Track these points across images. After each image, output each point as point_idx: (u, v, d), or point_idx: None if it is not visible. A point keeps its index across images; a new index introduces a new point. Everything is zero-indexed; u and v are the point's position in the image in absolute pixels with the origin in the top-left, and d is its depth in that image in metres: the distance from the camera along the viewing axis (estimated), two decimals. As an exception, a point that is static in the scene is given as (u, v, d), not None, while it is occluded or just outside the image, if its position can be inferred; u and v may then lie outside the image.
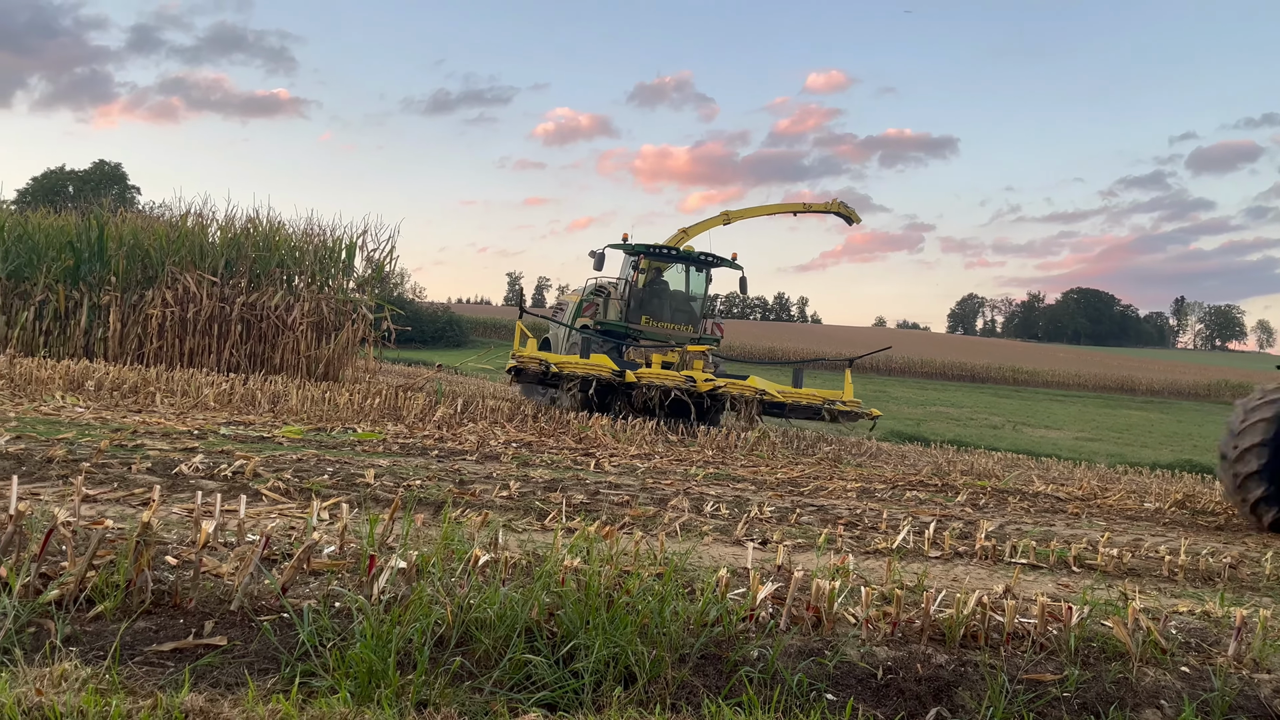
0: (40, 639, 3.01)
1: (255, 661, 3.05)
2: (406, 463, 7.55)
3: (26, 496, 4.70)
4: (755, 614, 3.71)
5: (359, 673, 2.91)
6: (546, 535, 5.07)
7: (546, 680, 3.07)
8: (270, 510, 5.13)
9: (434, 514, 5.36)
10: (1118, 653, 3.74)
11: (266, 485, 5.80)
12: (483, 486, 6.62)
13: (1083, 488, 11.85)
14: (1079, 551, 6.04)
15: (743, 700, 3.06)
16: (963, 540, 6.31)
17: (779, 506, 7.19)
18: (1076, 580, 5.37)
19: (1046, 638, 3.79)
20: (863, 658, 3.49)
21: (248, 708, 2.58)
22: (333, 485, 6.11)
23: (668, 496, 7.04)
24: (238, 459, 6.67)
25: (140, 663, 2.97)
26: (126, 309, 16.51)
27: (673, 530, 5.64)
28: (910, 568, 5.13)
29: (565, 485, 7.09)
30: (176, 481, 5.75)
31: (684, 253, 17.92)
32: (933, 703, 3.30)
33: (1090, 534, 7.31)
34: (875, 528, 6.61)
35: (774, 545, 5.39)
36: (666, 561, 4.23)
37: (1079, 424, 33.70)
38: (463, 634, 3.20)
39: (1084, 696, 3.39)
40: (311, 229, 18.18)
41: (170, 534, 4.24)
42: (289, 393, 12.36)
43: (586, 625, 3.24)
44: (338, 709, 2.63)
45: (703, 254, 17.91)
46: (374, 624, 3.09)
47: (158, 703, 2.53)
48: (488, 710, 2.89)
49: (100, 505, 4.87)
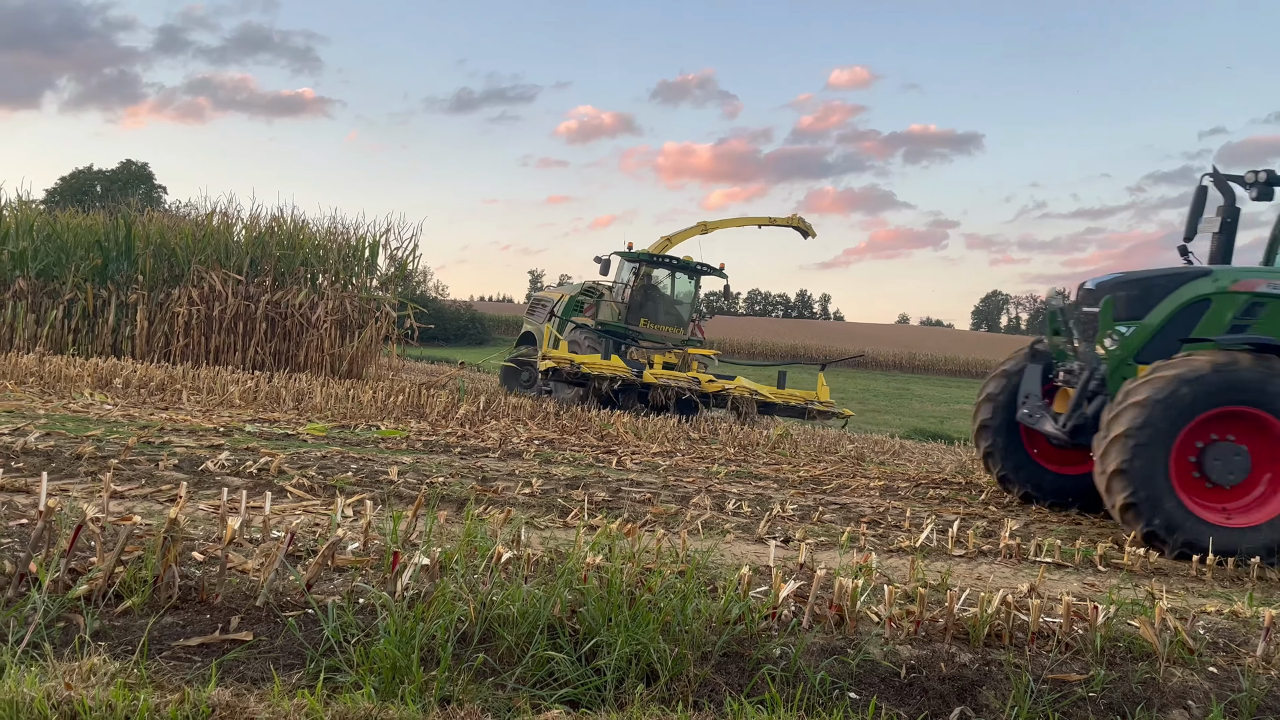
0: (69, 634, 3.05)
1: (280, 657, 3.08)
2: (430, 460, 7.59)
3: (56, 493, 4.76)
4: (778, 612, 3.70)
5: (383, 668, 2.93)
6: (569, 532, 5.08)
7: (569, 677, 3.08)
8: (295, 507, 5.17)
9: (457, 511, 5.38)
10: (1144, 653, 3.70)
11: (291, 482, 5.84)
12: (505, 484, 6.65)
13: (1109, 486, 11.74)
14: (1105, 550, 5.99)
15: (765, 698, 3.06)
16: (987, 539, 6.27)
17: (801, 504, 7.17)
18: (1102, 579, 5.32)
19: (1072, 637, 3.76)
20: (886, 656, 3.48)
21: (273, 703, 2.61)
22: (357, 482, 6.15)
23: (690, 494, 7.04)
24: (263, 456, 6.73)
25: (168, 657, 3.00)
26: (153, 307, 16.69)
27: (695, 528, 5.64)
28: (934, 566, 5.11)
29: (587, 482, 7.11)
30: (203, 478, 5.81)
31: (684, 262, 19.25)
32: (956, 702, 3.28)
33: (1116, 533, 7.25)
34: (898, 526, 6.58)
35: (796, 543, 5.38)
36: (689, 559, 4.23)
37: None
38: (485, 630, 3.22)
39: (1110, 697, 3.37)
40: (335, 228, 18.32)
41: (197, 530, 4.29)
42: (313, 390, 12.45)
43: (609, 622, 3.25)
44: (362, 704, 2.64)
45: (698, 264, 19.36)
46: (398, 620, 3.11)
47: (185, 697, 2.55)
48: (511, 706, 2.90)
49: (128, 501, 4.93)
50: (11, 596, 3.23)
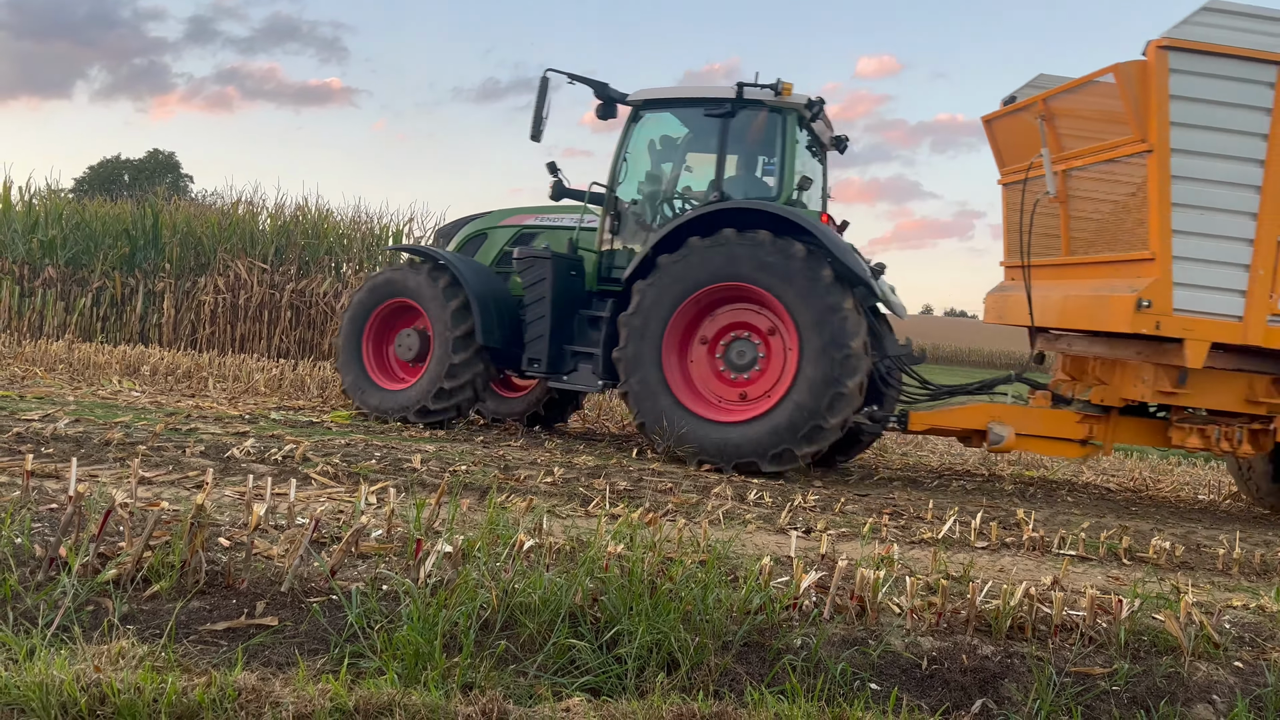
0: (99, 617, 3.09)
1: (305, 642, 3.11)
2: (452, 448, 7.63)
3: (85, 478, 4.83)
4: (799, 603, 3.70)
5: (406, 654, 2.96)
6: (590, 521, 5.10)
7: (590, 665, 3.09)
8: (319, 494, 5.22)
9: (479, 499, 5.41)
10: (1169, 647, 3.68)
11: (315, 469, 5.89)
12: (527, 472, 6.67)
13: (1134, 479, 11.64)
14: (1129, 544, 5.94)
15: (786, 688, 3.06)
16: (1009, 531, 6.24)
17: (823, 495, 7.15)
18: (1127, 573, 5.28)
19: (1095, 630, 3.74)
20: (907, 648, 3.47)
21: (298, 687, 2.64)
22: (380, 470, 6.19)
23: (710, 484, 7.04)
24: (288, 443, 6.78)
25: (195, 641, 3.05)
26: (180, 295, 16.85)
27: (716, 518, 5.65)
28: (956, 558, 5.09)
29: (609, 472, 7.12)
30: (228, 465, 5.87)
31: None
32: (978, 694, 3.28)
33: (1141, 526, 7.19)
34: (920, 517, 6.55)
35: (818, 534, 5.38)
36: (710, 549, 4.23)
37: (1131, 414, 33.01)
38: (507, 618, 3.24)
39: (1134, 690, 3.35)
40: (359, 217, 18.45)
41: (223, 516, 4.33)
42: (337, 378, 12.53)
43: (630, 611, 3.26)
44: (386, 690, 2.67)
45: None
46: (420, 607, 3.13)
47: (212, 680, 2.59)
48: (532, 693, 2.92)
49: (156, 487, 4.98)
50: (42, 580, 3.28)
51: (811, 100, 8.32)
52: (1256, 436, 7.63)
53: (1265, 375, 7.50)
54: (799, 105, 8.30)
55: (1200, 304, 6.83)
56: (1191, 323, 6.82)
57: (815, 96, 8.37)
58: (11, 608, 3.08)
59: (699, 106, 8.42)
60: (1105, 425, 8.01)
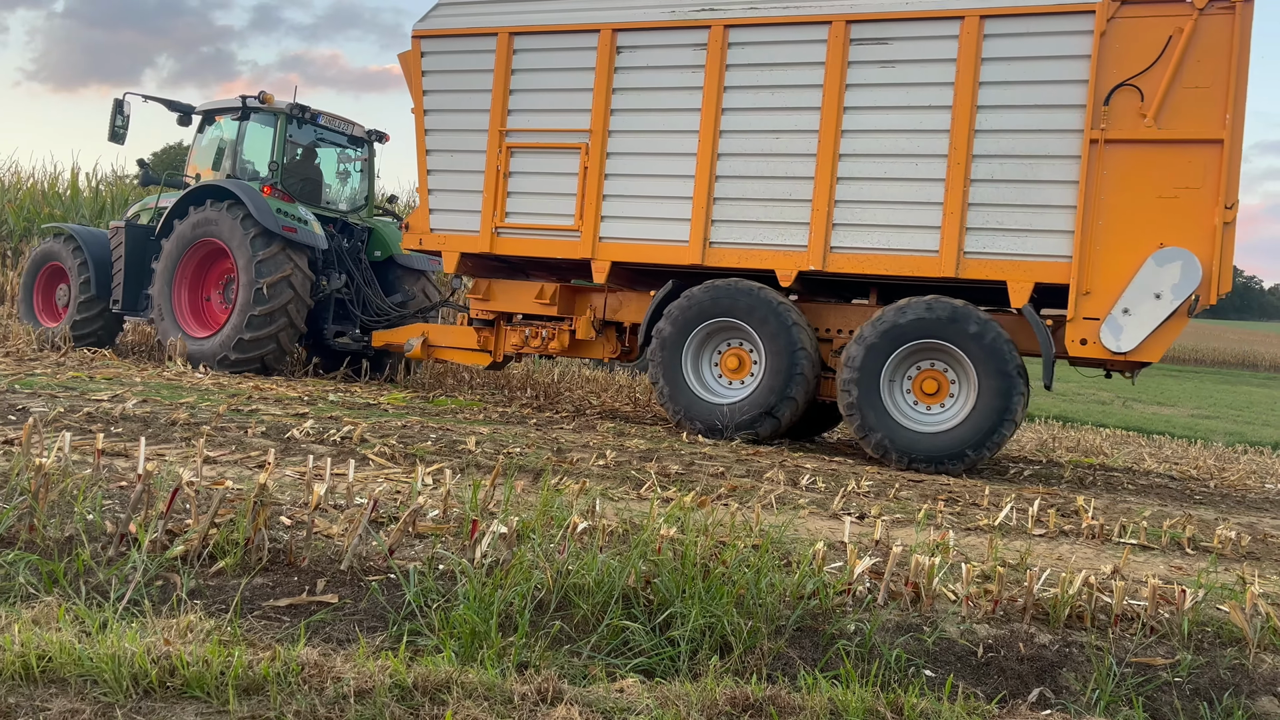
0: (167, 592, 3.19)
1: (364, 619, 3.18)
2: (506, 431, 7.71)
3: (153, 457, 4.96)
4: (852, 588, 3.69)
5: (462, 633, 3.01)
6: (643, 504, 5.12)
7: (643, 646, 3.11)
8: (377, 474, 5.31)
9: (533, 481, 5.46)
10: (1233, 638, 3.59)
11: (373, 450, 5.99)
12: (580, 455, 6.72)
13: (1198, 467, 11.38)
14: (1193, 533, 5.81)
15: (839, 673, 3.06)
16: (1068, 519, 6.14)
17: (877, 480, 7.10)
18: (1190, 563, 5.17)
19: (1157, 621, 3.67)
20: (962, 635, 3.44)
21: (359, 663, 2.70)
22: (435, 451, 6.28)
23: (763, 469, 7.02)
24: (345, 425, 6.90)
25: (259, 616, 3.13)
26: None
27: (768, 502, 5.64)
28: (1013, 545, 5.02)
29: (660, 455, 7.14)
30: (289, 445, 5.99)
31: None
32: (1035, 682, 3.24)
33: (1205, 515, 7.03)
34: (976, 504, 6.48)
35: (872, 520, 5.34)
36: (763, 533, 4.23)
37: (1195, 400, 32.21)
38: (561, 599, 3.27)
39: (1196, 682, 3.28)
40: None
41: (284, 495, 4.43)
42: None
43: (683, 594, 3.28)
44: (443, 667, 2.72)
45: None
46: (476, 586, 3.18)
47: (276, 655, 2.65)
48: (586, 674, 2.95)
49: (220, 466, 5.11)
50: (113, 556, 3.38)
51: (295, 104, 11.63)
52: (561, 336, 9.70)
53: (554, 281, 9.85)
54: (282, 110, 11.53)
55: (449, 224, 9.63)
56: (444, 238, 9.64)
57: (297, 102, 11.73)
58: (84, 581, 3.18)
59: (228, 113, 11.94)
60: (492, 335, 10.20)
